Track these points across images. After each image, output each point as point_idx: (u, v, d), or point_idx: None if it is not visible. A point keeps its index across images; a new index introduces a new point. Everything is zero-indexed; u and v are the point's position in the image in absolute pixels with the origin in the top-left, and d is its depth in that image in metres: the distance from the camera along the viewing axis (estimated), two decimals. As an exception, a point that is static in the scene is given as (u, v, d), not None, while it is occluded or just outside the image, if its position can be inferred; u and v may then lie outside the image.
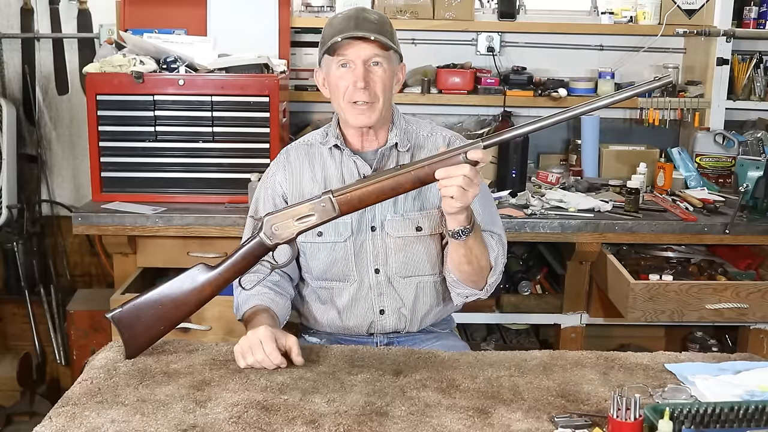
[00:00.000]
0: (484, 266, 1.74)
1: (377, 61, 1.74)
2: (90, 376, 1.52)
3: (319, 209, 1.56)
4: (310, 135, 1.94)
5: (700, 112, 3.26)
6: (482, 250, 1.72)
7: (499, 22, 3.26)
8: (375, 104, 1.75)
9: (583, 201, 2.77)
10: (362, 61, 1.73)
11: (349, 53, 1.72)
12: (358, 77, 1.72)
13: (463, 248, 1.68)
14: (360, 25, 1.72)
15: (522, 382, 1.52)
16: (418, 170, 1.54)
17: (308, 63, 3.26)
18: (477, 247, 1.69)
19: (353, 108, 1.76)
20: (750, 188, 2.74)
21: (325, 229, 1.83)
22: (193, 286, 1.60)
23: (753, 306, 2.41)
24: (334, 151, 1.86)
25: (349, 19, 1.74)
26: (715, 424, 1.25)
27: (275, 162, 1.94)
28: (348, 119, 1.78)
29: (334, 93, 1.78)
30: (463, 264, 1.72)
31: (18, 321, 3.50)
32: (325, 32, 1.77)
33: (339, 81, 1.75)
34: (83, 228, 2.60)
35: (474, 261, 1.71)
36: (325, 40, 1.75)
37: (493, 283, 1.80)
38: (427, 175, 1.54)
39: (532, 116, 3.40)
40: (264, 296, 1.78)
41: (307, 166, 1.88)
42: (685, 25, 3.22)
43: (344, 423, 1.35)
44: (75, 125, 3.45)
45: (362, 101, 1.74)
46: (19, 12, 3.33)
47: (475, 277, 1.76)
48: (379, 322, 1.89)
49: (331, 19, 1.79)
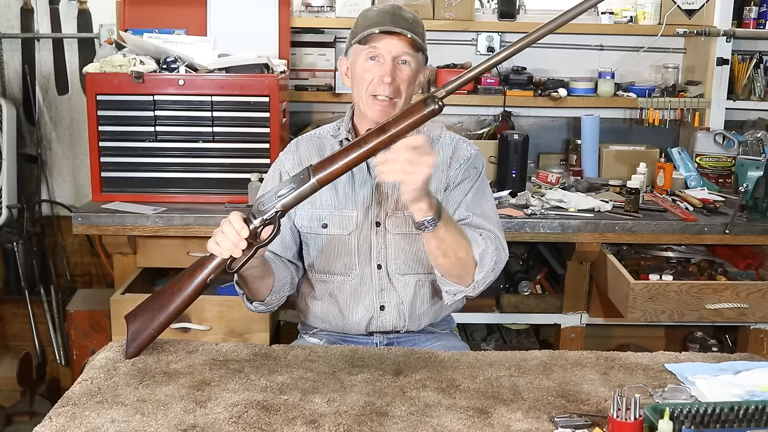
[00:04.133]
0: (463, 259, 1.68)
1: (406, 59, 1.75)
2: (90, 376, 1.52)
3: (297, 180, 1.52)
4: (321, 128, 1.95)
5: (700, 112, 3.26)
6: (458, 242, 1.66)
7: (499, 22, 3.26)
8: (396, 101, 1.76)
9: (583, 201, 2.77)
10: (392, 57, 1.74)
11: (380, 46, 1.74)
12: (386, 72, 1.73)
13: (435, 240, 1.63)
14: (396, 21, 1.74)
15: (522, 382, 1.52)
16: (392, 135, 1.47)
17: (308, 63, 3.26)
18: (450, 238, 1.64)
19: (374, 101, 1.76)
20: (750, 188, 2.75)
21: (330, 222, 1.84)
22: (187, 270, 1.60)
23: (753, 306, 2.41)
24: (344, 144, 1.86)
25: (385, 13, 1.76)
26: (715, 424, 1.25)
27: (284, 152, 1.94)
28: (366, 111, 1.78)
29: (358, 83, 1.79)
30: (439, 257, 1.68)
31: (18, 321, 3.50)
32: (358, 22, 1.79)
33: (365, 73, 1.76)
34: (83, 228, 2.60)
35: (450, 253, 1.66)
36: (358, 30, 1.77)
37: (482, 281, 1.74)
38: (398, 135, 1.47)
39: (533, 116, 3.42)
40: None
41: (317, 157, 1.87)
42: (685, 25, 3.22)
43: (344, 423, 1.35)
44: (75, 125, 3.46)
45: (384, 96, 1.75)
46: (19, 12, 3.34)
47: (456, 271, 1.71)
48: (379, 319, 1.89)
49: (365, 11, 1.81)
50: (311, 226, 1.87)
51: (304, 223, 1.87)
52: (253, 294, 1.76)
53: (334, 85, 3.22)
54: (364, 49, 1.76)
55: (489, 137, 3.19)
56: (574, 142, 3.36)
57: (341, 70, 1.88)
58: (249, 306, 1.79)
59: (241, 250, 1.51)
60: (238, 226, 1.51)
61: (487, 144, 3.04)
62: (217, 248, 1.53)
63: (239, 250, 1.51)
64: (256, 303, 1.78)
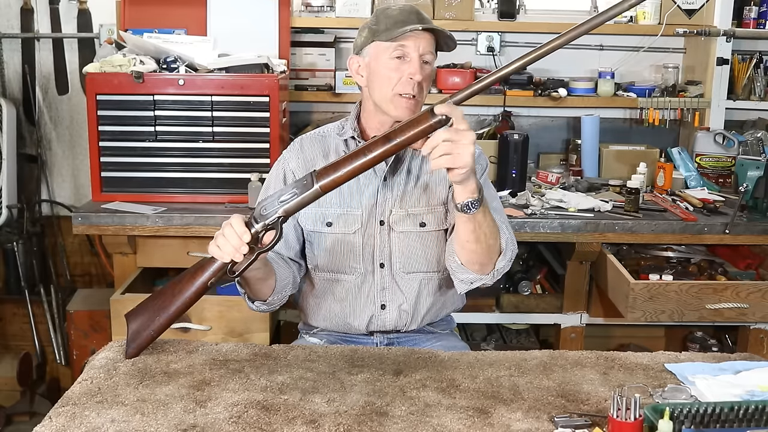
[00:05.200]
0: (492, 246, 1.66)
1: (428, 59, 1.76)
2: (90, 376, 1.52)
3: (300, 186, 1.52)
4: (324, 127, 1.94)
5: (700, 112, 3.26)
6: (492, 229, 1.64)
7: (499, 22, 3.27)
8: (419, 99, 1.76)
9: (583, 201, 2.77)
10: (418, 55, 1.74)
11: (409, 44, 1.74)
12: (416, 70, 1.73)
13: (472, 223, 1.60)
14: (423, 19, 1.75)
15: (522, 382, 1.52)
16: (398, 144, 1.48)
17: (308, 63, 3.26)
18: (486, 224, 1.61)
19: (399, 99, 1.75)
20: (750, 188, 2.75)
21: (335, 221, 1.84)
22: (188, 271, 1.60)
23: (753, 306, 2.41)
24: (350, 143, 1.86)
25: (410, 12, 1.76)
26: (715, 424, 1.25)
27: (288, 150, 1.93)
28: (389, 110, 1.77)
29: (381, 81, 1.77)
30: (471, 242, 1.64)
31: (18, 321, 3.50)
32: (379, 20, 1.78)
33: (390, 72, 1.75)
34: (83, 228, 2.60)
35: (482, 238, 1.63)
36: (381, 28, 1.76)
37: (502, 269, 1.73)
38: (404, 145, 1.49)
39: (533, 116, 3.41)
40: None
41: (321, 156, 1.88)
42: (685, 25, 3.22)
43: (344, 423, 1.35)
44: (75, 125, 3.46)
45: (411, 94, 1.74)
46: (19, 12, 3.33)
47: (482, 257, 1.68)
48: (380, 318, 1.89)
49: (384, 10, 1.80)
50: (315, 224, 1.87)
51: (308, 222, 1.87)
52: (255, 294, 1.76)
53: (334, 85, 3.22)
54: (389, 46, 1.74)
55: (489, 137, 3.19)
56: (574, 142, 3.36)
57: (352, 69, 1.85)
58: (251, 306, 1.79)
59: (242, 254, 1.51)
60: (239, 230, 1.50)
61: (487, 144, 3.04)
62: (218, 252, 1.53)
63: (240, 254, 1.51)
64: (258, 303, 1.78)
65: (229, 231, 1.51)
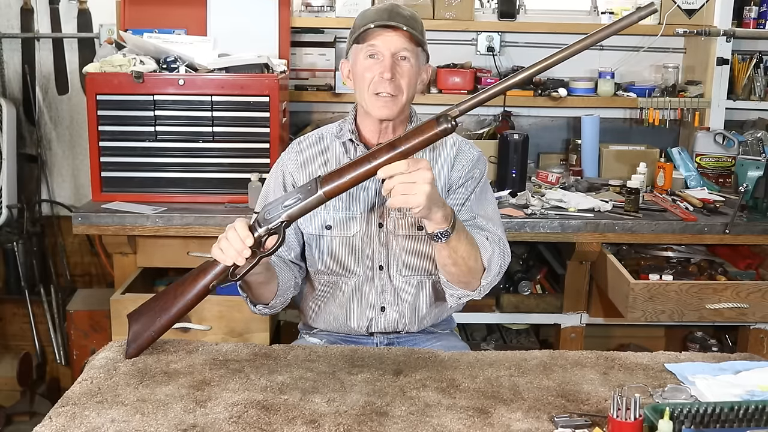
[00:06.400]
0: (473, 267, 1.69)
1: (405, 55, 1.75)
2: (90, 376, 1.52)
3: (304, 191, 1.53)
4: (323, 128, 1.94)
5: (700, 112, 3.26)
6: (470, 251, 1.66)
7: (499, 22, 3.26)
8: (398, 97, 1.76)
9: (583, 201, 2.77)
10: (390, 53, 1.74)
11: (378, 43, 1.74)
12: (385, 68, 1.73)
13: (446, 250, 1.64)
14: (393, 17, 1.74)
15: (522, 382, 1.52)
16: (402, 152, 1.48)
17: (308, 63, 3.26)
18: (463, 248, 1.64)
19: (377, 99, 1.76)
20: (750, 188, 2.75)
21: (334, 223, 1.84)
22: (190, 274, 1.60)
23: (753, 306, 2.41)
24: (348, 145, 1.86)
25: (382, 11, 1.76)
26: (715, 424, 1.25)
27: (287, 152, 1.93)
28: (370, 110, 1.78)
29: (359, 83, 1.79)
30: (449, 266, 1.68)
31: (18, 321, 3.50)
32: (356, 22, 1.79)
33: (365, 72, 1.76)
34: (83, 228, 2.60)
35: (460, 262, 1.67)
36: (355, 29, 1.77)
37: (488, 285, 1.76)
38: (408, 153, 1.49)
39: (533, 116, 3.41)
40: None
41: (320, 158, 1.88)
42: (685, 25, 3.22)
43: (344, 423, 1.35)
44: (75, 125, 3.46)
45: (386, 93, 1.74)
46: (19, 12, 3.33)
47: (464, 278, 1.72)
48: (380, 320, 1.89)
49: (363, 11, 1.81)
50: (315, 228, 1.87)
51: (308, 225, 1.87)
52: (257, 298, 1.76)
53: (334, 85, 3.22)
54: (363, 47, 1.76)
55: (489, 137, 3.19)
56: (574, 142, 3.36)
57: (343, 73, 1.87)
58: (253, 309, 1.79)
59: (244, 258, 1.51)
60: (242, 234, 1.51)
61: (487, 144, 3.04)
62: (221, 255, 1.53)
63: (243, 258, 1.51)
64: (261, 306, 1.78)
65: (233, 234, 1.51)
